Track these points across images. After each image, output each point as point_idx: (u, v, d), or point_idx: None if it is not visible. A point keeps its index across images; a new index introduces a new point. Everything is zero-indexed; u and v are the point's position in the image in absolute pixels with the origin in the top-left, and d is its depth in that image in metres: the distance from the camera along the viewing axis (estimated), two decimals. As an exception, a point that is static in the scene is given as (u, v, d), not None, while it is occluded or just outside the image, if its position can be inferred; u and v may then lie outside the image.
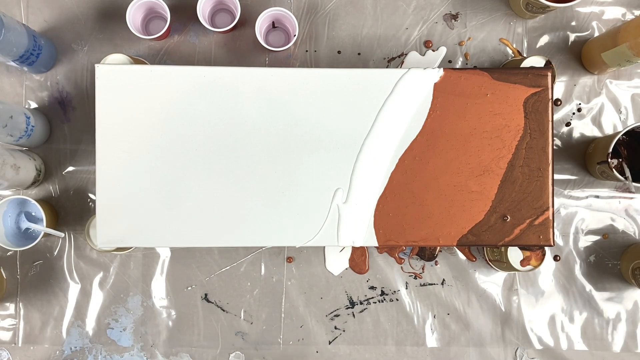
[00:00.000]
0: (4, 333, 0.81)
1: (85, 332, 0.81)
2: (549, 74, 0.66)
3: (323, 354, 0.82)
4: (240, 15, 0.77)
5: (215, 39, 0.82)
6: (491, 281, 0.82)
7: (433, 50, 0.81)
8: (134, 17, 0.77)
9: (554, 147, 0.73)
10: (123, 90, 0.64)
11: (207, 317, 0.82)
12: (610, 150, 0.73)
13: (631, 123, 0.81)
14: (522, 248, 0.74)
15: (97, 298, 0.81)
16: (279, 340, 0.82)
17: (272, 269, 0.82)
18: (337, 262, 0.80)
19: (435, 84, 0.65)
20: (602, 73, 0.82)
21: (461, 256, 0.83)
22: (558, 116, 0.82)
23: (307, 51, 0.82)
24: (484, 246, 0.75)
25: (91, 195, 0.81)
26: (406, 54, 0.81)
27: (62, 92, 0.81)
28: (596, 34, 0.83)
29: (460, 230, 0.65)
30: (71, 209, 0.81)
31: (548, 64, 0.75)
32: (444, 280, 0.82)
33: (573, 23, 0.83)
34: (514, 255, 0.75)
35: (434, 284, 0.82)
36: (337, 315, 0.82)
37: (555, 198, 0.65)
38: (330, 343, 0.82)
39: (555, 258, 0.82)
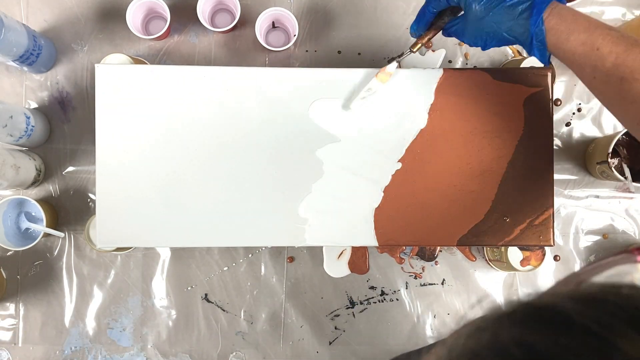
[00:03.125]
0: (4, 333, 0.81)
1: (85, 332, 0.81)
2: (549, 73, 0.65)
3: (323, 354, 0.82)
4: (240, 15, 0.77)
5: (215, 39, 0.82)
6: (491, 281, 0.82)
7: (433, 51, 0.81)
8: (134, 17, 0.77)
9: (554, 147, 0.73)
10: (123, 90, 0.64)
11: (207, 317, 0.82)
12: (610, 150, 0.73)
13: (631, 123, 0.81)
14: (522, 248, 0.74)
15: (97, 298, 0.81)
16: (279, 340, 0.82)
17: (272, 269, 0.82)
18: (336, 269, 0.79)
19: (435, 84, 0.65)
20: (602, 73, 0.82)
21: (461, 256, 0.82)
22: (558, 116, 0.82)
23: (307, 51, 0.82)
24: (484, 246, 0.75)
25: (91, 195, 0.81)
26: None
27: (62, 92, 0.81)
28: (596, 34, 0.82)
29: (460, 230, 0.65)
30: (71, 209, 0.81)
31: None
32: (444, 280, 0.82)
33: (573, 23, 0.82)
34: (514, 255, 0.75)
35: (434, 284, 0.82)
36: (337, 315, 0.82)
37: (555, 198, 0.64)
38: (330, 343, 0.82)
39: (555, 258, 0.82)
